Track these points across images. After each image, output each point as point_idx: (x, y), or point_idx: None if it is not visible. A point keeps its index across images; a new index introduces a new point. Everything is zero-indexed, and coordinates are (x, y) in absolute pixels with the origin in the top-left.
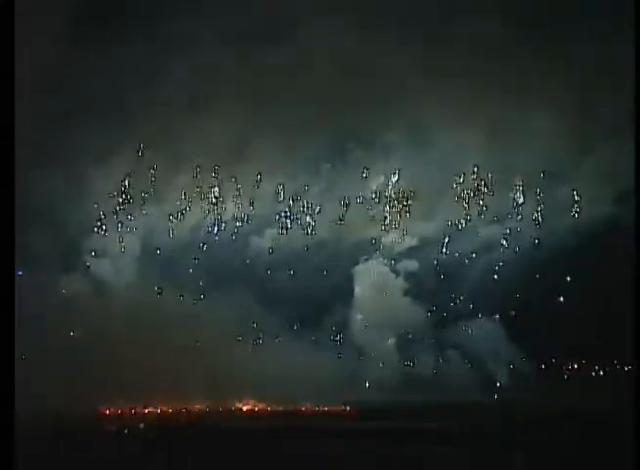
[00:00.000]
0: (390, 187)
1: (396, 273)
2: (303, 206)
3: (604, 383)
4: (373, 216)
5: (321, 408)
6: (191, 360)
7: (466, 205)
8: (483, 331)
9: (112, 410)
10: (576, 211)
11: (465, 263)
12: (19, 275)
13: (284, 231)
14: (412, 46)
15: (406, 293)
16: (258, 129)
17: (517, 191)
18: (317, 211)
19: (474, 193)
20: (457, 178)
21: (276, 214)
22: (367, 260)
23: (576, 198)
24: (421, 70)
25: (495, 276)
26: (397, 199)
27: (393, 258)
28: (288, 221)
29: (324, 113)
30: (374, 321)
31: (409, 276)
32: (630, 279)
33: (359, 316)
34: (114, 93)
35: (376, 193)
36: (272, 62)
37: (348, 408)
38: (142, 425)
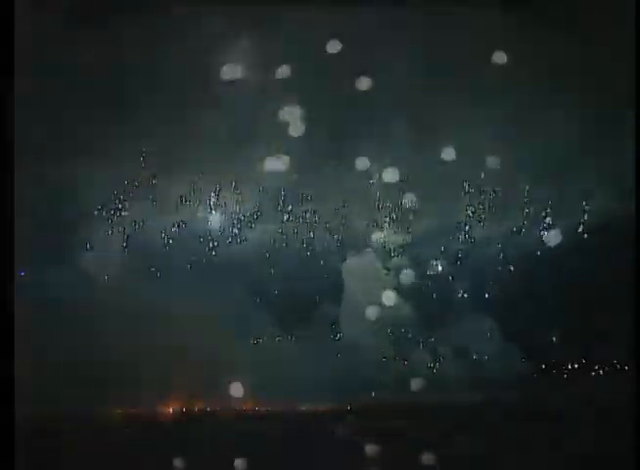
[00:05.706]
0: (392, 184)
1: (396, 271)
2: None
3: (604, 383)
4: (373, 215)
5: (319, 408)
6: (190, 360)
7: (467, 203)
8: (484, 330)
9: (112, 410)
10: (577, 211)
11: (465, 261)
12: (20, 275)
13: (282, 229)
14: (414, 42)
15: (405, 291)
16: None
17: (519, 190)
18: (316, 209)
19: (476, 191)
20: (460, 177)
21: (274, 212)
22: (369, 255)
23: (578, 197)
24: (423, 66)
25: (494, 276)
26: (397, 195)
27: (395, 255)
28: (286, 218)
29: (325, 108)
30: (373, 319)
31: (409, 274)
32: (630, 279)
33: (357, 314)
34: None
35: (376, 191)
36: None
37: (348, 407)
38: (141, 425)
